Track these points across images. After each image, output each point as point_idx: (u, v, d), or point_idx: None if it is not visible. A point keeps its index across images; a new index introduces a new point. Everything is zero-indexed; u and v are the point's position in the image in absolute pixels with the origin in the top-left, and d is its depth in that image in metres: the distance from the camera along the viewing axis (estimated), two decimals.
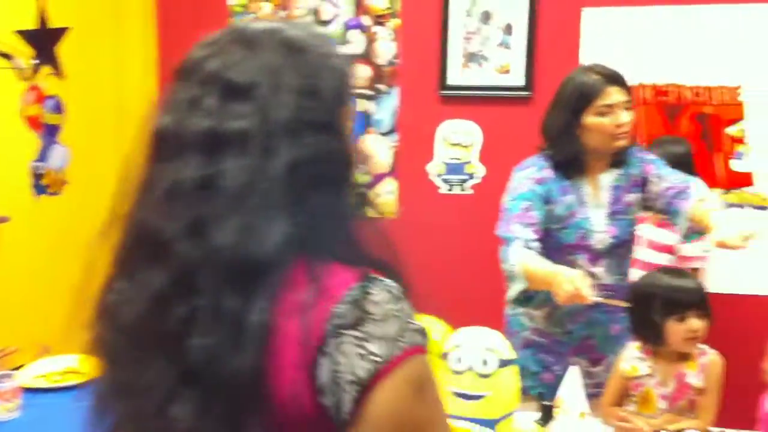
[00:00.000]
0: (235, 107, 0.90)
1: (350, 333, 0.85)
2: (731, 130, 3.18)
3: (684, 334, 2.11)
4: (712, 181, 3.19)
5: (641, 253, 2.92)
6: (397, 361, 0.85)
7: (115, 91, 3.65)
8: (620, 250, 2.44)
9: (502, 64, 3.39)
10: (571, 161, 2.37)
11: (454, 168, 3.52)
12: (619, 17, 3.23)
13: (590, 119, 2.32)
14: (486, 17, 3.39)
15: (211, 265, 0.87)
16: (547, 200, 2.34)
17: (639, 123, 3.13)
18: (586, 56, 3.25)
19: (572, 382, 2.06)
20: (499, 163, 3.33)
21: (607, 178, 2.42)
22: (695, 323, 2.11)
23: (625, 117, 2.31)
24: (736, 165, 3.19)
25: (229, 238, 0.87)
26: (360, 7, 3.54)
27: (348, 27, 3.56)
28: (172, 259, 0.88)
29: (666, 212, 2.46)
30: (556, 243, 2.36)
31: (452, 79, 3.45)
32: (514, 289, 2.26)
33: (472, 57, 3.42)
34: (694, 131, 3.20)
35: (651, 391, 2.16)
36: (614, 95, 2.31)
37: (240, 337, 0.85)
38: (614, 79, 2.34)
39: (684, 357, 2.16)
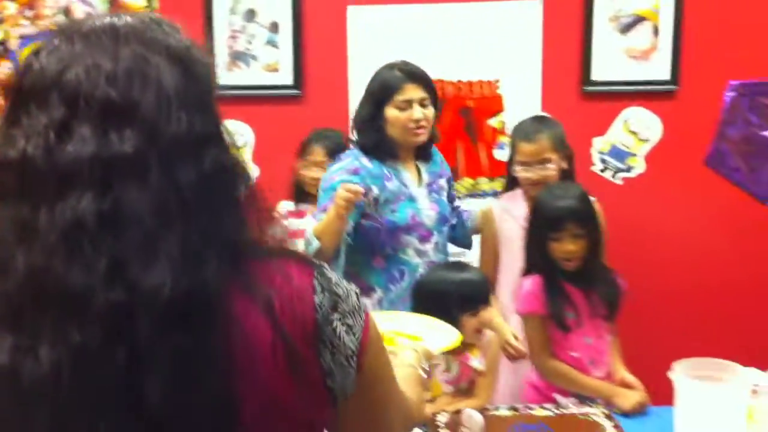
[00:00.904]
0: (118, 128, 0.81)
1: (335, 317, 0.91)
2: (492, 122, 3.33)
3: (477, 326, 2.18)
4: (477, 171, 3.34)
5: None
6: (367, 326, 0.95)
7: None
8: (443, 227, 2.66)
9: (270, 63, 3.33)
10: (382, 149, 2.57)
11: None
12: (383, 15, 3.29)
13: (390, 112, 2.55)
14: (251, 15, 3.31)
15: (146, 308, 0.79)
16: (365, 189, 2.48)
17: None
18: (354, 54, 3.28)
19: None
20: (272, 163, 3.27)
21: (422, 165, 2.67)
22: (486, 315, 2.19)
23: (418, 113, 2.52)
24: (498, 154, 3.34)
25: (161, 276, 0.79)
26: (115, 6, 3.33)
27: None
28: (93, 309, 0.78)
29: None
30: (390, 227, 2.54)
31: (219, 79, 3.34)
32: (310, 252, 2.42)
33: (238, 56, 3.33)
34: (458, 124, 3.33)
35: (435, 378, 2.21)
36: (411, 92, 2.54)
37: (201, 373, 0.81)
38: (413, 76, 2.57)
39: (469, 344, 2.22)
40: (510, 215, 2.71)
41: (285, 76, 3.33)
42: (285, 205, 3.10)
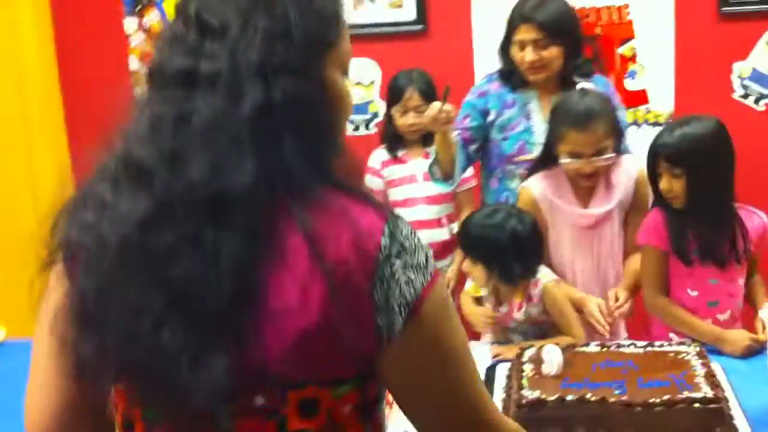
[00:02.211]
0: (209, 47, 0.94)
1: (397, 263, 0.93)
2: (622, 50, 3.17)
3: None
4: None
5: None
6: (430, 287, 0.96)
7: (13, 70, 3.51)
8: None
9: (393, 0, 3.34)
10: (510, 78, 2.59)
11: (358, 108, 3.49)
12: None
13: (512, 49, 2.54)
14: None
15: (190, 198, 0.90)
16: (485, 111, 2.60)
17: None
18: None
19: None
20: None
21: (557, 98, 2.51)
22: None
23: (530, 55, 2.48)
24: (629, 84, 3.19)
25: (202, 173, 0.90)
26: None
27: None
28: (155, 188, 0.92)
29: None
30: (499, 152, 2.61)
31: (346, 17, 3.39)
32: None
33: None
34: (586, 53, 3.18)
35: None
36: (523, 33, 2.50)
37: (218, 269, 0.89)
38: (527, 17, 2.50)
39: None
40: (554, 204, 2.39)
41: (409, 12, 3.34)
42: (380, 154, 3.01)
